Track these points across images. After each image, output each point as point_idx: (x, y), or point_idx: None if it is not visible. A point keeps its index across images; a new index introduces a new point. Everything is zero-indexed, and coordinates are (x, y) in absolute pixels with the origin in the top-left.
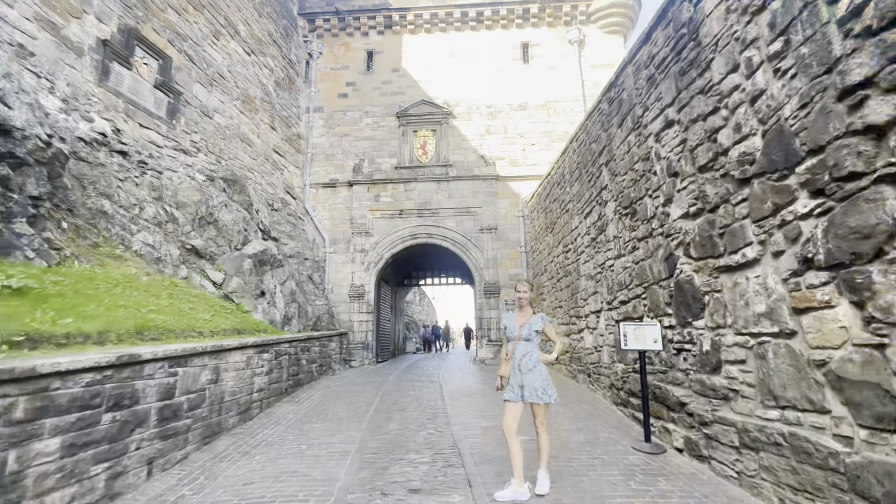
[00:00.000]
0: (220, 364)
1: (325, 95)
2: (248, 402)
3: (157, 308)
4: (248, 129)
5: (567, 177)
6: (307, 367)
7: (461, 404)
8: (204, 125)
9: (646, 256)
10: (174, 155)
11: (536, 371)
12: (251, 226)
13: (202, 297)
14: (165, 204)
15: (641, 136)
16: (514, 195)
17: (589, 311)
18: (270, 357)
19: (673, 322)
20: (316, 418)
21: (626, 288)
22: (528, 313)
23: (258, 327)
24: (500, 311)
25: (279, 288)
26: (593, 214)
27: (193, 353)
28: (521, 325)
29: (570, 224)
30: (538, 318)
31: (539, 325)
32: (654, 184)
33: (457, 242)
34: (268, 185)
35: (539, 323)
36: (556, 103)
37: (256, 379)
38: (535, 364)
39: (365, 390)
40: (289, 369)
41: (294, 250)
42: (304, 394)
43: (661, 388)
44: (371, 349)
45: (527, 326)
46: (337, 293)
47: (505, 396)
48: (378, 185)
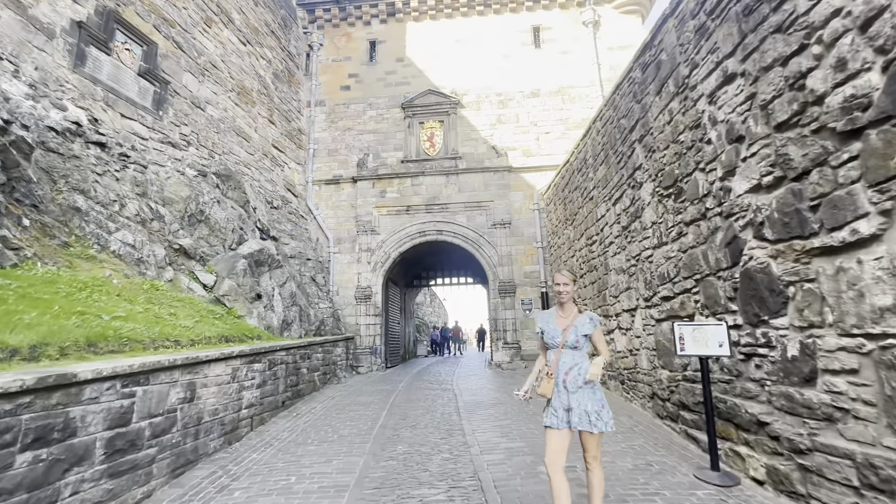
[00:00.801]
0: (197, 379)
1: (326, 88)
2: (235, 421)
3: (126, 315)
4: (245, 122)
5: (590, 161)
6: (308, 377)
7: (479, 418)
8: (195, 117)
9: (697, 243)
10: (161, 148)
11: (587, 389)
12: (247, 224)
13: (187, 302)
14: (150, 200)
15: (688, 101)
16: (529, 187)
17: (621, 310)
18: (263, 367)
19: (738, 321)
20: (314, 437)
21: (670, 281)
22: (573, 312)
23: (251, 334)
24: (517, 311)
25: (278, 290)
26: (624, 199)
27: (158, 368)
28: (565, 329)
29: (595, 213)
30: (586, 319)
31: (588, 327)
32: (708, 154)
33: (468, 239)
34: (266, 182)
35: (588, 325)
36: (570, 89)
37: (245, 393)
38: (587, 378)
39: (371, 401)
40: (286, 380)
41: (295, 250)
42: (304, 406)
43: (725, 401)
44: (380, 354)
45: (572, 330)
46: (342, 295)
47: (546, 422)
48: (384, 180)
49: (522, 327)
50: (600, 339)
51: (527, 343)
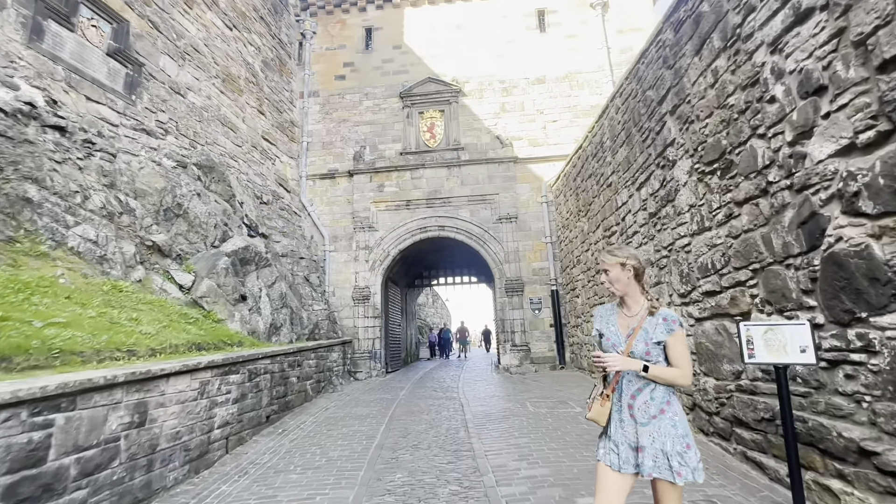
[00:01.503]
0: (150, 398)
1: (320, 78)
2: (204, 444)
3: (68, 321)
4: (231, 111)
5: (607, 143)
6: (299, 386)
7: (491, 435)
8: (174, 104)
9: (754, 225)
10: (134, 135)
11: (665, 420)
12: (233, 220)
13: (157, 305)
14: (119, 192)
15: (741, 54)
16: (536, 179)
17: None
18: (242, 378)
19: (818, 319)
20: (298, 461)
21: (716, 273)
22: (640, 309)
23: (231, 340)
24: (525, 310)
25: (265, 291)
26: (652, 182)
27: (91, 388)
28: (631, 334)
29: (615, 201)
30: (658, 320)
31: (661, 331)
32: (771, 115)
33: (472, 235)
34: (256, 176)
35: (661, 329)
36: (578, 74)
37: (218, 411)
38: (662, 406)
39: (369, 413)
40: (272, 391)
41: (287, 248)
42: (292, 420)
43: (804, 420)
44: (379, 358)
45: (640, 335)
46: (339, 296)
47: (601, 457)
48: (381, 173)
49: (532, 328)
50: (680, 350)
51: (536, 345)
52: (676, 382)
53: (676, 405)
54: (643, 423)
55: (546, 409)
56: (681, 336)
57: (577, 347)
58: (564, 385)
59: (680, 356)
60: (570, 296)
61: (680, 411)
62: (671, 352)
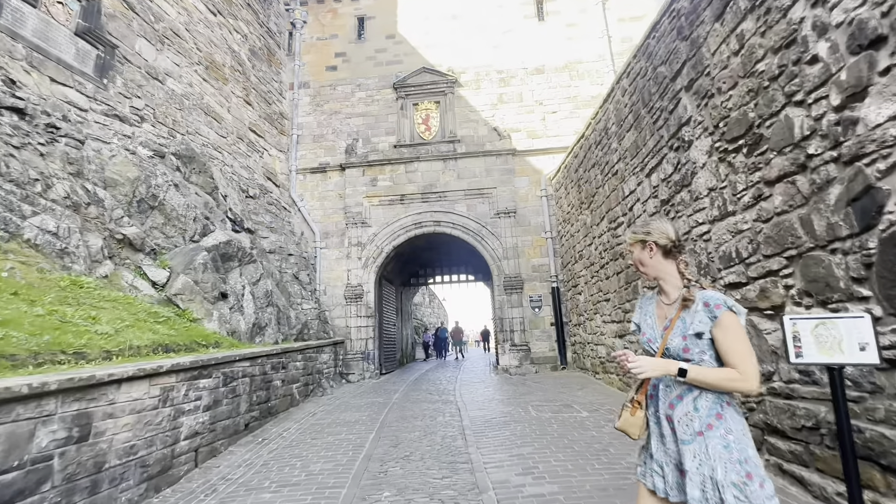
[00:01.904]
0: (96, 407)
1: (311, 69)
2: (168, 458)
3: (6, 319)
4: (215, 100)
5: (613, 129)
6: (284, 390)
7: (490, 443)
8: (151, 89)
9: (790, 206)
10: (105, 121)
11: (714, 438)
12: (216, 214)
13: (123, 302)
14: (87, 181)
15: (773, 13)
16: (535, 172)
17: None
18: (215, 383)
19: (876, 311)
20: (275, 476)
21: (742, 262)
22: (679, 296)
23: (207, 341)
24: (524, 308)
25: (249, 289)
26: (664, 167)
27: (8, 399)
28: (668, 326)
29: (622, 189)
30: (699, 306)
31: (701, 320)
32: (813, 78)
33: (469, 230)
34: (242, 169)
35: (702, 317)
36: (578, 64)
37: (186, 420)
38: (710, 419)
39: (359, 419)
40: (251, 396)
41: (275, 245)
42: (275, 427)
43: (858, 430)
44: (373, 359)
45: (678, 326)
46: (331, 295)
47: (641, 477)
48: (375, 167)
49: (531, 327)
50: (732, 342)
51: (536, 345)
52: (728, 387)
53: (733, 418)
54: (685, 440)
55: (550, 414)
56: (730, 324)
57: (579, 347)
58: (567, 387)
59: (732, 351)
60: (572, 293)
61: (738, 427)
62: (720, 346)
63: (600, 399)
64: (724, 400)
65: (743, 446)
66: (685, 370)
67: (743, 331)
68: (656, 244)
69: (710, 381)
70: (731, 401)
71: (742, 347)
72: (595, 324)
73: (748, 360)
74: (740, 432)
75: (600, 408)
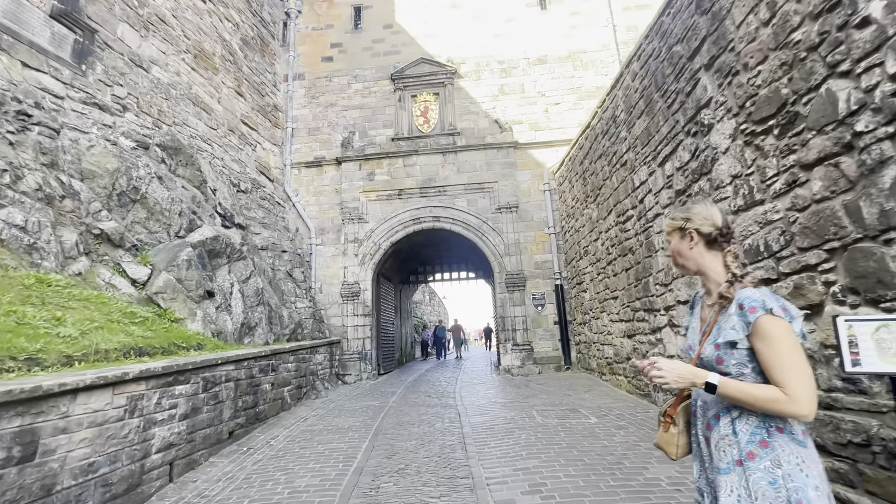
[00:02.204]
0: (44, 422)
1: (306, 60)
2: (136, 474)
3: None
4: (204, 91)
5: (622, 117)
6: (274, 394)
7: (493, 454)
8: (134, 77)
9: (832, 191)
10: (83, 110)
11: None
12: (204, 208)
13: (95, 302)
14: (62, 172)
15: None
16: (538, 165)
17: (674, 301)
18: (193, 389)
19: None
20: (256, 494)
21: (772, 256)
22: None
23: (188, 342)
24: (527, 307)
25: (238, 287)
26: (680, 154)
27: None
28: (707, 332)
29: (631, 181)
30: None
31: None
32: (862, 44)
33: (469, 226)
34: (233, 162)
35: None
36: (582, 54)
37: (158, 431)
38: (752, 447)
39: (352, 425)
40: (236, 402)
41: (268, 241)
42: (262, 435)
43: None
44: (370, 360)
45: (713, 334)
46: (326, 293)
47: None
48: (372, 160)
49: (534, 326)
50: (774, 354)
51: (539, 344)
52: (769, 409)
53: (786, 448)
54: (721, 468)
55: (556, 420)
56: (772, 332)
57: (584, 346)
58: (573, 389)
59: (775, 366)
60: (577, 290)
61: (792, 459)
62: (761, 359)
63: (609, 403)
64: (772, 424)
65: (798, 485)
66: (714, 385)
67: (791, 340)
68: (698, 232)
69: (746, 399)
70: (785, 426)
71: (787, 362)
72: (602, 323)
73: (797, 377)
74: (795, 467)
75: (609, 413)
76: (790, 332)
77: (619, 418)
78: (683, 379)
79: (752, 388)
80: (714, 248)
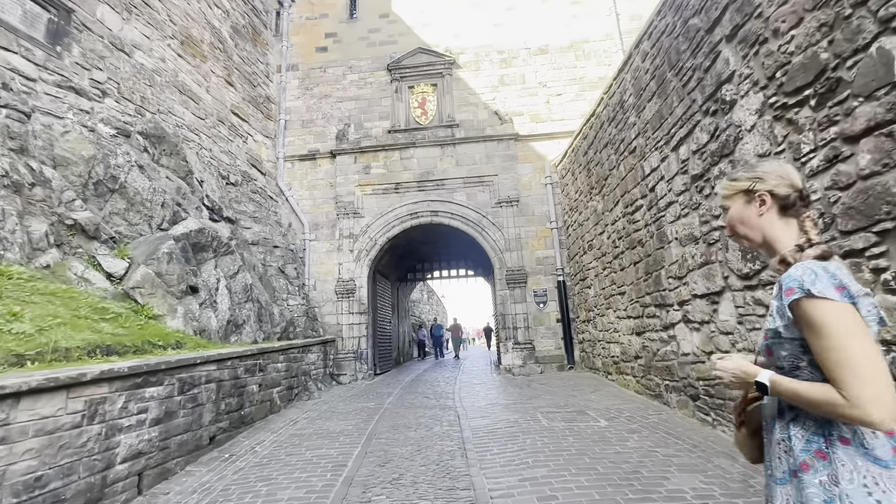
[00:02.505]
0: None
1: (299, 50)
2: (96, 488)
3: None
4: (191, 78)
5: (630, 101)
6: (262, 395)
7: (497, 462)
8: (115, 62)
9: (885, 165)
10: (58, 94)
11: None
12: (190, 200)
13: (63, 296)
14: (32, 158)
15: None
16: (539, 158)
17: (689, 295)
18: (167, 391)
19: None
20: None
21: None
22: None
23: (165, 341)
24: (528, 304)
25: (224, 282)
26: (696, 136)
27: None
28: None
29: (641, 168)
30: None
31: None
32: None
33: (468, 220)
34: (222, 154)
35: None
36: (584, 44)
37: (124, 438)
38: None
39: (344, 429)
40: (219, 404)
41: (259, 236)
42: (247, 440)
43: None
44: (366, 359)
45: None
46: (321, 290)
47: None
48: (367, 153)
49: (536, 323)
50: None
51: (541, 342)
52: (827, 412)
53: (848, 463)
54: (777, 477)
55: (563, 424)
56: (815, 318)
57: (588, 345)
58: (578, 389)
59: (828, 361)
60: (580, 286)
61: (856, 477)
62: (813, 349)
63: (618, 404)
64: (834, 432)
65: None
66: (764, 384)
67: (847, 327)
68: (771, 195)
69: (799, 402)
70: (854, 436)
71: (843, 356)
72: (607, 320)
73: (858, 374)
74: (860, 488)
75: (619, 415)
76: (845, 317)
77: (630, 421)
78: (737, 378)
79: (805, 388)
80: (788, 215)
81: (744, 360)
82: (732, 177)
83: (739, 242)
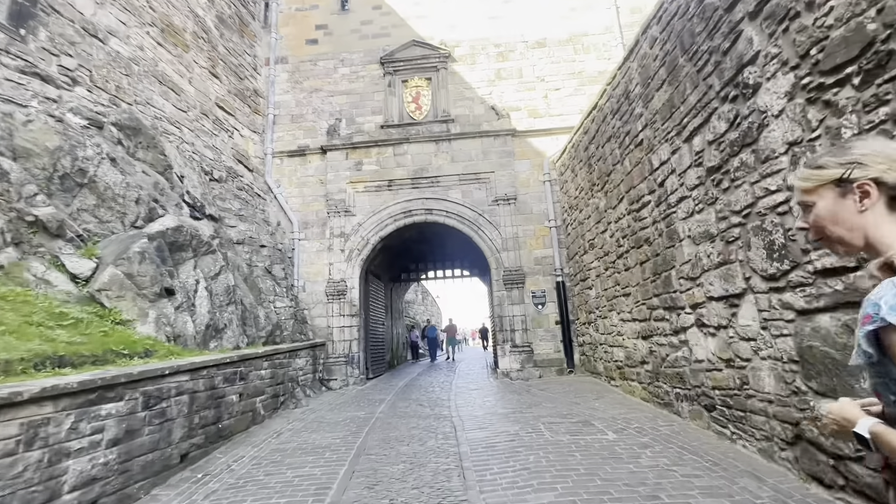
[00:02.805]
0: None
1: (289, 42)
2: None
3: None
4: (172, 69)
5: (637, 91)
6: (242, 406)
7: (499, 484)
8: (87, 48)
9: None
10: (21, 80)
11: None
12: (169, 197)
13: (15, 300)
14: None
15: None
16: (537, 154)
17: (704, 298)
18: (129, 407)
19: None
20: None
21: None
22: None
23: (132, 349)
24: (526, 305)
25: (204, 284)
26: (714, 124)
27: None
28: None
29: (648, 162)
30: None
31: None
32: None
33: (464, 219)
34: (206, 149)
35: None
36: (583, 37)
37: (73, 464)
38: None
39: (331, 443)
40: (192, 418)
41: (244, 235)
42: (224, 456)
43: None
44: (357, 363)
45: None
46: (310, 291)
47: None
48: (360, 149)
49: (534, 325)
50: None
51: (540, 346)
52: None
53: None
54: None
55: (568, 436)
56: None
57: (588, 348)
58: (580, 395)
59: None
60: (580, 287)
61: None
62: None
63: (624, 413)
64: None
65: None
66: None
67: None
68: (878, 184)
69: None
70: None
71: None
72: (610, 322)
73: None
74: None
75: (627, 426)
76: None
77: (641, 433)
78: (839, 426)
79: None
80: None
81: (850, 403)
82: (816, 163)
83: (831, 248)
